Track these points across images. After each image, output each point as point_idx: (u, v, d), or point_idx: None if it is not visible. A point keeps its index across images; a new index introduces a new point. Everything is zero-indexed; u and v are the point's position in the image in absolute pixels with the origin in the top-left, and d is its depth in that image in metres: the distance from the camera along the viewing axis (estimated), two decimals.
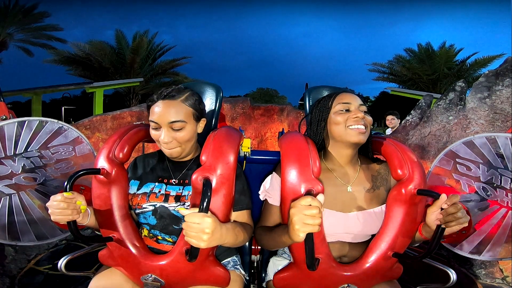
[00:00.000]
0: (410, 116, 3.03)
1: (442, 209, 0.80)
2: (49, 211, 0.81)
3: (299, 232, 0.71)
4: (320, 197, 0.73)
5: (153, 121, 0.94)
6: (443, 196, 0.78)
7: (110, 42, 13.39)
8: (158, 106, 0.93)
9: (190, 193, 0.96)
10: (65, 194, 0.81)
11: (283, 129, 1.79)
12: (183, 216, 0.75)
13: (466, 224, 0.79)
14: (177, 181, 1.01)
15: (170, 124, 0.93)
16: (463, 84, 2.73)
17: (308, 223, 0.70)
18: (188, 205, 0.95)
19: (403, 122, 3.08)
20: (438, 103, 2.72)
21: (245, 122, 4.90)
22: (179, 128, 0.94)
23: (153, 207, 0.97)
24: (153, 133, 0.96)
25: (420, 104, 3.15)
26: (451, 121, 2.55)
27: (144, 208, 0.98)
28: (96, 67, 12.78)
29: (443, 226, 0.79)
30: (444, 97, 2.71)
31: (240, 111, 4.90)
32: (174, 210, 0.96)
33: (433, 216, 0.83)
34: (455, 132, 2.50)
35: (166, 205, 0.97)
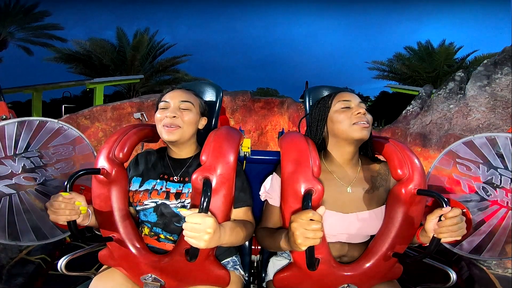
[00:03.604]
0: (411, 106, 3.07)
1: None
2: (48, 211, 0.82)
3: (301, 246, 0.72)
4: (321, 210, 0.74)
5: (164, 101, 1.01)
6: (446, 209, 0.77)
7: (110, 41, 13.38)
8: (173, 91, 1.04)
9: (190, 190, 0.96)
10: (63, 194, 0.81)
11: (283, 129, 1.79)
12: (185, 217, 0.75)
13: (459, 238, 0.79)
14: (178, 178, 1.02)
15: (179, 103, 1.00)
16: (463, 74, 2.77)
17: (310, 237, 0.71)
18: (188, 203, 0.95)
19: (403, 112, 3.12)
20: (438, 92, 2.76)
21: (246, 114, 4.87)
22: (187, 108, 1.01)
23: (155, 204, 0.98)
24: (158, 116, 1.00)
25: (420, 94, 3.19)
26: (452, 109, 2.58)
27: (146, 205, 0.98)
28: (96, 64, 12.76)
29: (437, 236, 0.79)
30: (444, 87, 2.75)
31: (240, 104, 4.88)
32: (175, 207, 0.96)
33: (431, 224, 0.82)
34: (456, 119, 2.53)
35: (167, 202, 0.97)
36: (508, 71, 2.37)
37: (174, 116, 0.98)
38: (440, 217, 0.79)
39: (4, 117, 1.73)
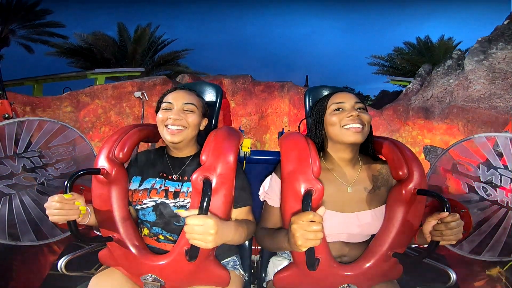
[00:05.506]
0: (411, 84, 3.23)
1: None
2: (47, 212, 0.81)
3: (302, 247, 0.72)
4: (321, 210, 0.74)
5: (167, 102, 1.00)
6: (445, 213, 0.78)
7: (112, 36, 13.35)
8: (176, 92, 1.03)
9: (190, 189, 0.96)
10: (63, 195, 0.81)
11: (283, 129, 1.79)
12: (184, 218, 0.75)
13: (453, 242, 0.79)
14: (177, 177, 1.02)
15: (183, 105, 1.00)
16: (460, 52, 2.95)
17: (310, 238, 0.71)
18: (188, 202, 0.95)
19: (404, 90, 3.27)
20: (437, 69, 2.92)
21: (246, 97, 4.84)
22: (190, 110, 1.00)
23: (154, 203, 0.98)
24: (160, 116, 0.99)
25: (420, 72, 3.31)
26: (452, 83, 2.75)
27: (145, 204, 0.98)
28: (98, 58, 12.73)
29: (432, 239, 0.80)
30: (443, 64, 2.92)
31: (241, 86, 4.84)
32: (174, 206, 0.97)
33: (429, 227, 0.82)
34: (457, 92, 2.69)
35: (166, 201, 0.97)
36: (503, 46, 2.56)
37: (178, 118, 0.97)
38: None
39: (7, 115, 1.73)
